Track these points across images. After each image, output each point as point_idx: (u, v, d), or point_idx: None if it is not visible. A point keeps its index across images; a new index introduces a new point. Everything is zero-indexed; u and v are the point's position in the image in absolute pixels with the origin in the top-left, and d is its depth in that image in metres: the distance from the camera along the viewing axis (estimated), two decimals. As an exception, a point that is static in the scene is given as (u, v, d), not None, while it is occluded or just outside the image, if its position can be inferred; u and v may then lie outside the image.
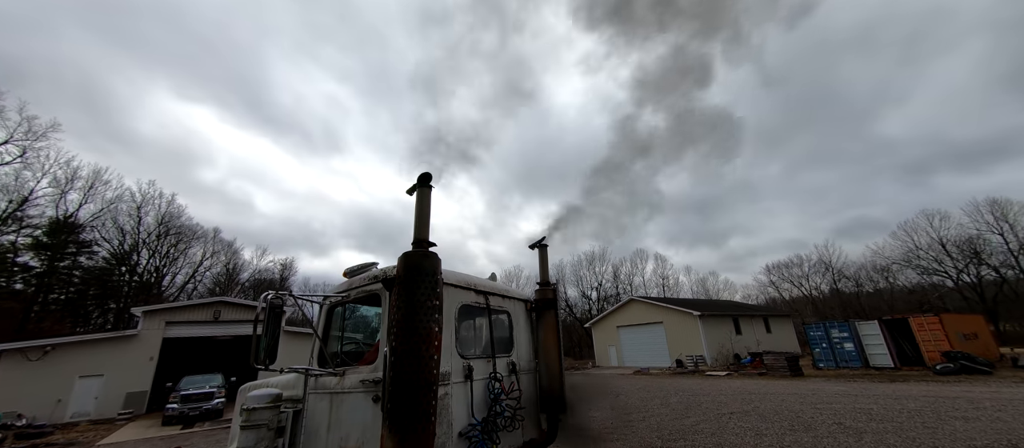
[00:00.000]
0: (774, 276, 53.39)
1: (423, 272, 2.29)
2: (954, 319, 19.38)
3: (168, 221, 44.29)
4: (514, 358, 3.42)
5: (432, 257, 2.40)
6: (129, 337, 19.07)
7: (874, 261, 45.60)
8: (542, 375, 3.53)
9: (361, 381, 2.48)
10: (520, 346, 3.56)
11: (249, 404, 2.65)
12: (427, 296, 2.23)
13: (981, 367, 15.47)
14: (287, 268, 60.09)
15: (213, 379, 16.96)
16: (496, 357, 3.17)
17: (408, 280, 2.26)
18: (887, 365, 18.60)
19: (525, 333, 3.66)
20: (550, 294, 3.76)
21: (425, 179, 2.63)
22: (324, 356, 2.89)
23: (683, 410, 11.37)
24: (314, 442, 2.62)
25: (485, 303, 3.17)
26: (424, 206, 2.58)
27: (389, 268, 2.69)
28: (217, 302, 21.86)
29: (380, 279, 2.66)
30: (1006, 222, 36.15)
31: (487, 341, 3.15)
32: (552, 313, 3.70)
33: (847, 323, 21.05)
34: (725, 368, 23.71)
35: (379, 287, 2.65)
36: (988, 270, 37.64)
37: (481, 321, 3.17)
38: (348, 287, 2.96)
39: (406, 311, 2.18)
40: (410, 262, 2.33)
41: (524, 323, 3.69)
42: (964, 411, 9.10)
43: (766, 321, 32.21)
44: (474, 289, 3.08)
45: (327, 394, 2.66)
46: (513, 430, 3.09)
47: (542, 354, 3.58)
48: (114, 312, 40.35)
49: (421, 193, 2.62)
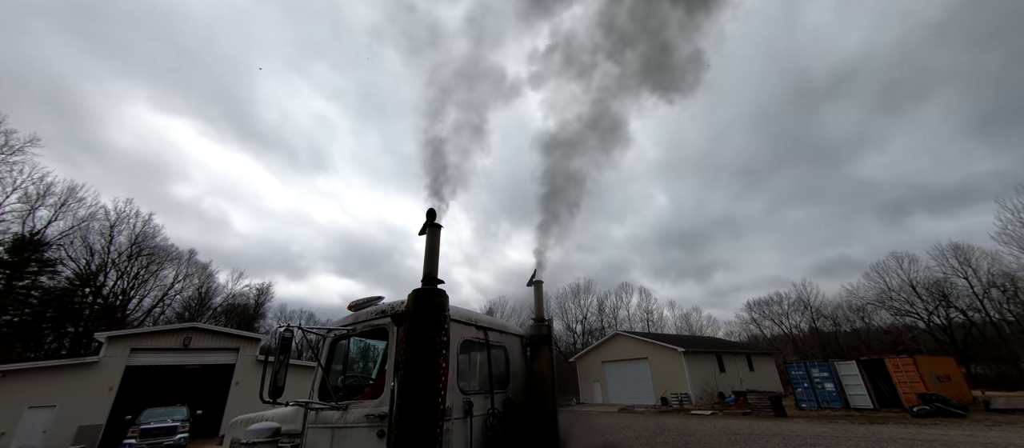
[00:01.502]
0: (755, 313, 54.17)
1: (433, 309, 2.36)
2: (928, 361, 19.92)
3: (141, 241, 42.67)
4: (510, 394, 3.45)
5: (441, 294, 2.48)
6: (89, 364, 17.92)
7: (850, 301, 46.87)
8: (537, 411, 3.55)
9: (366, 416, 2.48)
10: (516, 382, 3.60)
11: (248, 438, 2.60)
12: (436, 332, 2.29)
13: (955, 410, 15.82)
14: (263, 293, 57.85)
15: (177, 412, 15.98)
16: (494, 393, 3.21)
17: (418, 316, 2.33)
18: (867, 406, 18.82)
19: (521, 369, 3.71)
20: (545, 330, 3.84)
21: (432, 216, 2.75)
22: (326, 389, 2.87)
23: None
24: None
25: (484, 338, 3.22)
26: (433, 244, 2.68)
27: (397, 303, 2.74)
28: (188, 328, 20.90)
29: (389, 313, 2.70)
30: (969, 266, 37.92)
31: (485, 376, 3.19)
32: (547, 349, 3.76)
33: (827, 363, 21.37)
34: (710, 407, 23.56)
35: (388, 321, 2.68)
36: (956, 313, 39.07)
37: (480, 356, 3.21)
38: (354, 320, 2.97)
39: (416, 347, 2.23)
40: (421, 298, 2.40)
41: (520, 359, 3.73)
42: (941, 454, 9.26)
43: (749, 359, 32.40)
44: (475, 325, 3.14)
45: (328, 428, 2.63)
46: None
47: (537, 390, 3.62)
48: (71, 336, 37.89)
49: (431, 232, 2.72)
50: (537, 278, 4.27)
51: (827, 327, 48.20)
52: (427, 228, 2.75)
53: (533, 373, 3.66)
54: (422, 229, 2.78)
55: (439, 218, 2.78)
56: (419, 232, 2.78)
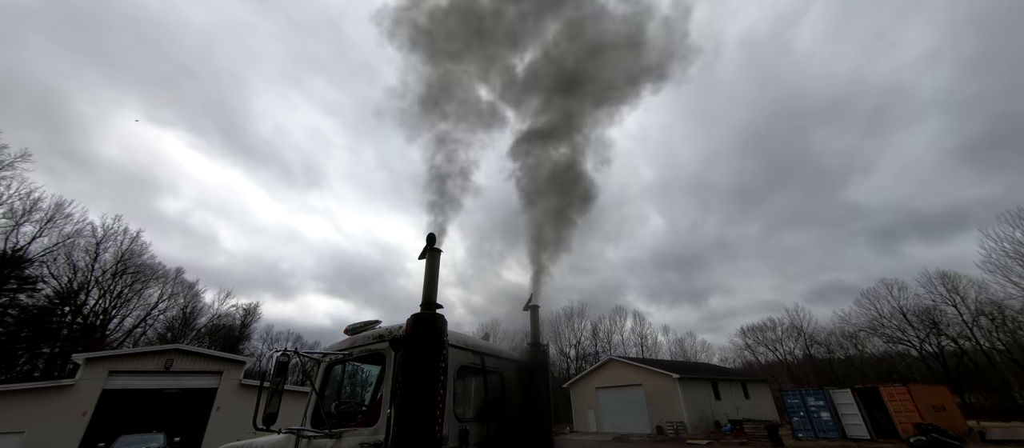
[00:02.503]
0: (749, 339, 53.91)
1: (432, 334, 2.34)
2: (922, 390, 19.85)
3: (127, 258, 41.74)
4: (506, 421, 3.38)
5: (440, 319, 2.46)
6: (63, 388, 17.19)
7: (842, 327, 46.92)
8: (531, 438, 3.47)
9: (360, 444, 2.40)
10: (512, 408, 3.53)
11: (234, 468, 2.51)
12: (434, 358, 2.26)
13: (952, 441, 15.64)
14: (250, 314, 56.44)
15: (153, 439, 15.30)
16: (488, 420, 3.13)
17: (417, 341, 2.30)
18: (863, 436, 18.58)
19: (517, 395, 3.64)
20: (541, 355, 3.79)
21: (432, 241, 2.75)
22: (319, 416, 2.79)
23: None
24: None
25: (481, 364, 3.17)
26: (433, 269, 2.68)
27: (395, 328, 2.70)
28: (171, 350, 20.27)
29: (387, 338, 2.66)
30: (957, 294, 38.34)
31: (481, 403, 3.12)
32: (543, 375, 3.71)
33: (822, 391, 21.19)
34: (706, 437, 23.09)
35: (385, 346, 2.63)
36: (948, 340, 39.25)
37: (476, 382, 3.15)
38: (351, 344, 2.92)
39: (414, 373, 2.19)
40: (420, 323, 2.38)
41: (516, 385, 3.67)
42: (940, 486, 9.10)
43: (744, 386, 32.03)
44: (472, 350, 3.11)
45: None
46: None
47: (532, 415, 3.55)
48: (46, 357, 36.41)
49: (430, 257, 2.72)
50: (533, 302, 4.25)
51: (821, 354, 48.04)
52: (427, 253, 2.75)
53: (529, 399, 3.60)
54: (422, 254, 2.78)
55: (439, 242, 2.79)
56: (419, 257, 2.79)
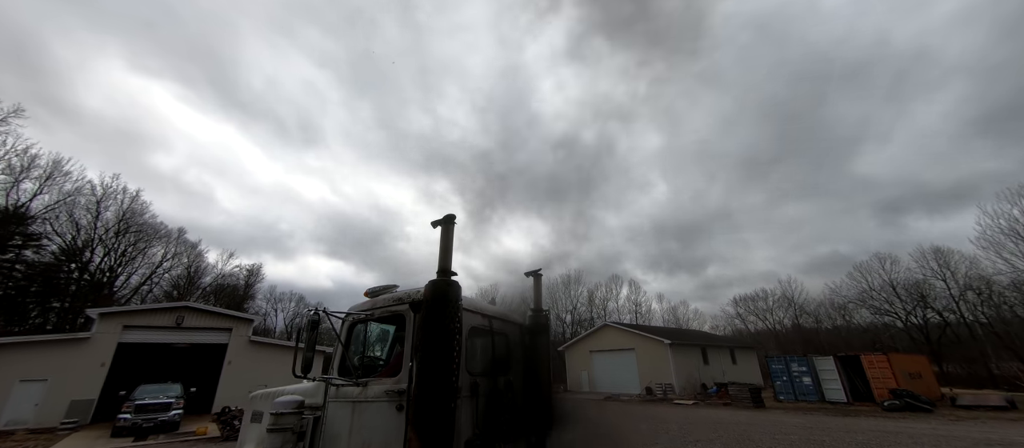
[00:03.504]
0: (741, 308, 55.45)
1: (448, 299, 2.63)
2: (901, 359, 20.79)
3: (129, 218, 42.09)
4: (511, 377, 3.76)
5: (455, 286, 2.75)
6: (80, 340, 17.96)
7: (833, 299, 48.19)
8: (534, 394, 3.87)
9: (385, 392, 2.75)
10: (515, 366, 3.90)
11: (276, 409, 2.85)
12: (450, 319, 2.56)
13: (923, 405, 16.65)
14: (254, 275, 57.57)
15: (171, 389, 16.15)
16: (496, 375, 3.51)
17: (435, 305, 2.60)
18: (841, 400, 19.67)
19: (520, 354, 4.01)
20: (543, 320, 4.15)
21: (450, 219, 3.00)
22: (345, 367, 3.12)
23: (652, 438, 11.74)
24: (335, 445, 2.84)
25: (489, 326, 3.51)
26: (448, 240, 2.93)
27: (414, 292, 2.99)
28: (181, 307, 20.96)
29: (407, 301, 2.96)
30: (948, 269, 39.17)
31: (489, 360, 3.47)
32: (544, 337, 4.07)
33: (806, 358, 22.18)
34: (692, 397, 24.35)
35: (405, 308, 2.94)
36: (933, 313, 40.51)
37: (484, 341, 3.48)
38: (372, 306, 3.22)
39: (433, 332, 2.50)
40: (437, 289, 2.67)
41: (519, 345, 4.04)
42: (905, 444, 9.88)
43: (732, 352, 33.36)
44: (482, 313, 3.42)
45: (349, 403, 2.90)
46: (510, 442, 3.40)
47: (534, 374, 3.93)
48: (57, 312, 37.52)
49: (445, 228, 2.97)
50: (536, 269, 4.56)
51: (809, 323, 49.64)
52: (441, 224, 2.99)
53: (531, 359, 3.97)
54: (437, 223, 3.02)
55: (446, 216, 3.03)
56: (433, 224, 3.03)
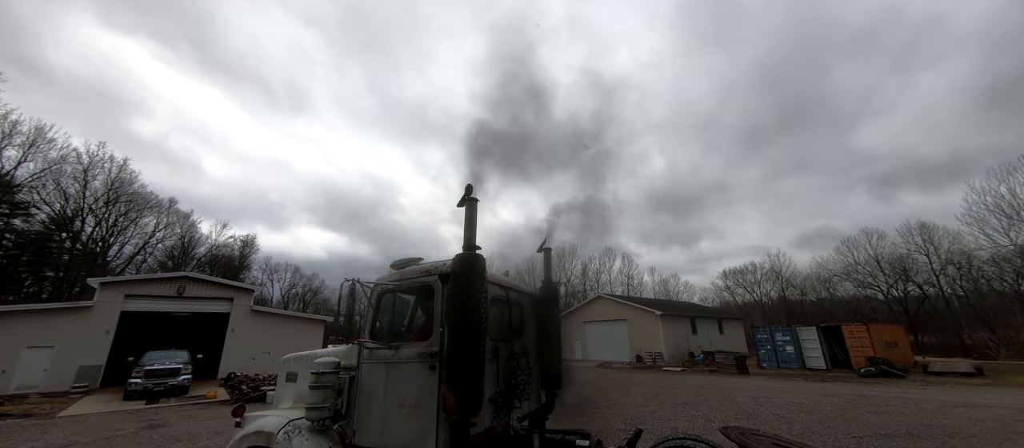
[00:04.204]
0: (730, 281, 57.00)
1: (475, 271, 2.88)
2: (879, 329, 21.82)
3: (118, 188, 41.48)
4: (525, 343, 4.09)
5: (481, 259, 2.99)
6: (84, 309, 18.19)
7: (818, 272, 49.67)
8: (545, 358, 4.22)
9: (418, 354, 3.04)
10: (528, 333, 4.23)
11: (317, 369, 3.15)
12: (477, 290, 2.82)
13: (897, 372, 17.68)
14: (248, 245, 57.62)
15: (179, 355, 16.60)
16: (513, 341, 3.84)
17: (463, 276, 2.85)
18: (820, 367, 20.76)
19: (532, 322, 4.33)
20: (553, 292, 4.47)
21: (470, 190, 3.19)
22: (376, 332, 3.41)
23: (643, 400, 12.45)
24: (371, 400, 3.16)
25: (506, 297, 3.80)
26: (472, 216, 3.14)
27: (441, 264, 3.24)
28: (182, 277, 21.15)
29: (435, 273, 3.21)
30: (932, 245, 40.38)
31: (506, 327, 3.77)
32: (554, 307, 4.40)
33: (790, 328, 23.18)
34: (680, 365, 25.48)
35: (434, 279, 3.19)
36: (914, 287, 42.09)
37: (502, 310, 3.77)
38: (400, 277, 3.47)
39: (463, 301, 2.77)
40: (466, 262, 2.92)
41: (532, 314, 4.36)
42: (877, 407, 10.65)
43: (719, 323, 34.60)
44: (500, 285, 3.69)
45: (383, 364, 3.19)
46: (525, 400, 3.76)
47: (545, 340, 4.27)
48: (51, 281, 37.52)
49: (469, 206, 3.18)
50: (546, 245, 4.82)
51: (795, 296, 51.31)
52: (465, 201, 3.20)
53: (542, 326, 4.30)
54: (461, 202, 3.23)
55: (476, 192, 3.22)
56: (458, 205, 3.24)
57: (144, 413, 12.08)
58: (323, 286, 67.00)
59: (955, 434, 7.73)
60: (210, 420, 10.79)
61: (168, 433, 9.31)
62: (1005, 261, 33.06)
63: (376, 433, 3.06)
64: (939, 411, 10.00)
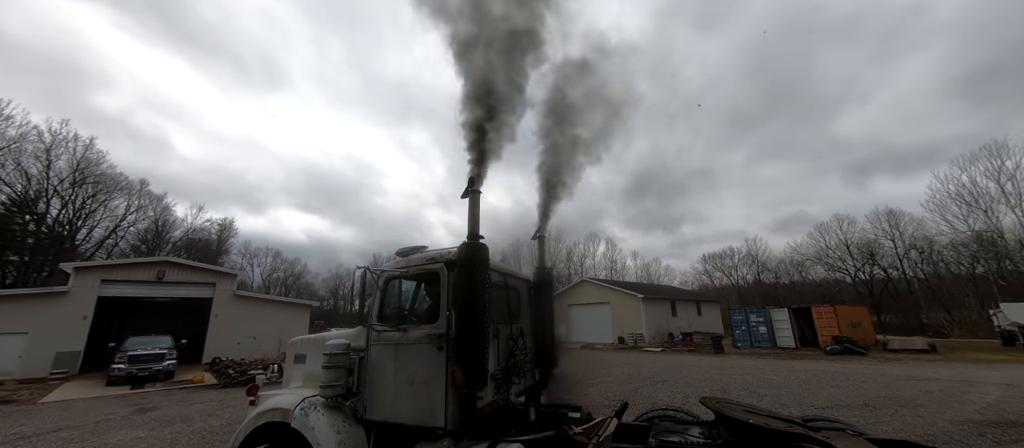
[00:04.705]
0: (708, 265, 58.86)
1: (479, 259, 3.10)
2: (845, 310, 23.15)
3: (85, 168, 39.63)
4: (521, 324, 4.37)
5: (484, 248, 3.20)
6: (58, 294, 17.68)
7: (792, 257, 51.77)
8: (539, 339, 4.52)
9: (426, 335, 3.27)
10: (524, 315, 4.51)
11: (329, 350, 3.34)
12: (482, 276, 3.04)
13: (859, 349, 18.92)
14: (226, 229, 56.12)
15: (162, 341, 16.39)
16: (511, 323, 4.10)
17: (469, 264, 3.07)
18: (790, 345, 21.98)
19: (528, 306, 4.61)
20: (547, 277, 4.74)
21: (472, 182, 3.39)
22: (383, 314, 3.61)
23: (625, 379, 13.07)
24: (381, 378, 3.38)
25: (504, 282, 4.04)
26: (475, 207, 3.33)
27: (446, 252, 3.45)
28: (162, 262, 20.68)
29: (441, 261, 3.41)
30: (898, 230, 42.54)
31: (504, 310, 4.02)
32: (548, 291, 4.68)
33: (763, 310, 24.34)
34: (660, 345, 26.52)
35: (440, 267, 3.39)
36: (879, 270, 44.44)
37: (501, 295, 4.01)
38: (407, 264, 3.65)
39: (468, 287, 3.00)
40: (471, 251, 3.14)
41: (527, 298, 4.63)
42: (838, 381, 11.49)
43: (698, 305, 35.93)
44: (499, 271, 3.92)
45: (392, 345, 3.40)
46: (522, 377, 4.06)
47: (540, 322, 4.56)
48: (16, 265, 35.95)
49: (472, 196, 3.37)
50: (540, 233, 5.07)
51: (769, 279, 53.47)
52: (468, 193, 3.39)
53: (537, 310, 4.59)
54: (464, 194, 3.41)
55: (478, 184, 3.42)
56: (461, 196, 3.43)
57: (131, 398, 12.02)
58: (305, 270, 66.05)
59: (905, 404, 8.50)
60: (200, 404, 10.85)
61: (160, 416, 9.36)
62: (963, 246, 35.23)
63: (387, 408, 3.31)
64: (893, 384, 10.87)
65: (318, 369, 3.66)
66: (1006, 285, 30.12)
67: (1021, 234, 28.53)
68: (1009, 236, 29.48)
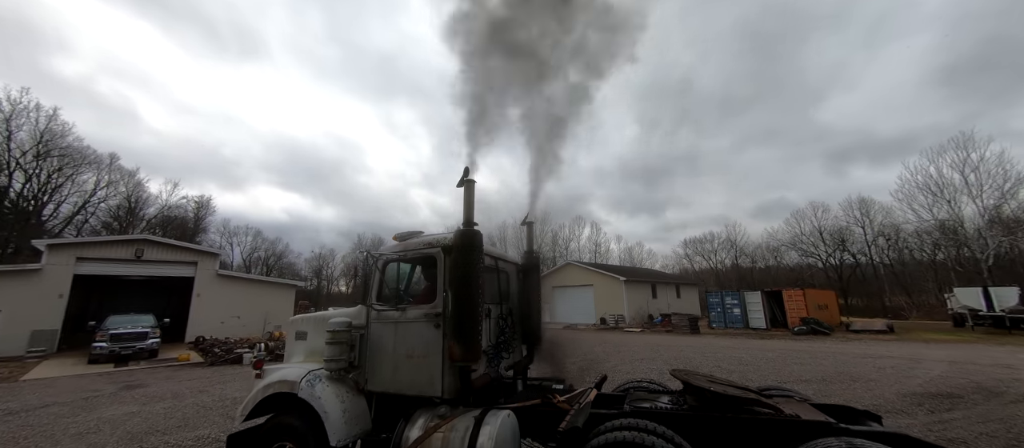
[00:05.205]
0: (689, 250, 60.57)
1: (473, 245, 3.36)
2: (814, 293, 24.41)
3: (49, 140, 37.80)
4: (510, 305, 4.67)
5: (479, 234, 3.45)
6: (31, 272, 17.21)
7: (769, 242, 53.68)
8: (526, 318, 4.84)
9: (424, 314, 3.52)
10: (512, 296, 4.80)
11: (332, 327, 3.57)
12: (476, 261, 3.30)
13: (824, 330, 20.12)
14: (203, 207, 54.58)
15: (144, 319, 16.24)
16: (502, 303, 4.40)
17: (464, 249, 3.32)
18: (761, 326, 23.16)
19: (516, 288, 4.90)
20: (534, 261, 5.04)
21: (467, 172, 3.60)
22: (382, 296, 3.84)
23: (605, 357, 13.69)
24: (381, 353, 3.64)
25: (495, 266, 4.32)
26: (470, 195, 3.56)
27: (442, 237, 3.69)
28: (140, 240, 20.22)
29: (438, 246, 3.65)
30: (868, 218, 44.47)
31: (495, 291, 4.30)
32: (535, 274, 4.98)
33: (738, 293, 25.45)
34: (640, 326, 27.53)
35: (437, 251, 3.63)
36: (849, 256, 46.60)
37: (492, 277, 4.28)
38: (405, 248, 3.87)
39: (464, 270, 3.25)
40: (466, 237, 3.39)
41: (515, 281, 4.92)
42: (802, 359, 12.34)
43: (677, 288, 37.18)
44: (490, 255, 4.18)
45: (391, 323, 3.66)
46: (510, 353, 4.39)
47: (527, 303, 4.87)
48: (-24, 241, 34.44)
49: (467, 187, 3.59)
50: (529, 219, 5.34)
51: (746, 263, 55.46)
52: (464, 182, 3.61)
53: (525, 291, 4.89)
54: (460, 183, 3.63)
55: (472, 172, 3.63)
56: (457, 185, 3.64)
57: (116, 375, 12.02)
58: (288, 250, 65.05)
59: (859, 379, 9.27)
60: (189, 381, 10.96)
61: (149, 393, 9.47)
62: (926, 234, 37.15)
63: (387, 380, 3.58)
64: (851, 361, 11.76)
65: (319, 345, 3.90)
66: (962, 271, 32.09)
67: (979, 223, 30.25)
68: (969, 225, 31.21)
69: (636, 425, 2.78)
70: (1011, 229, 29.50)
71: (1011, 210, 29.72)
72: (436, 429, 3.06)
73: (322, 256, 68.11)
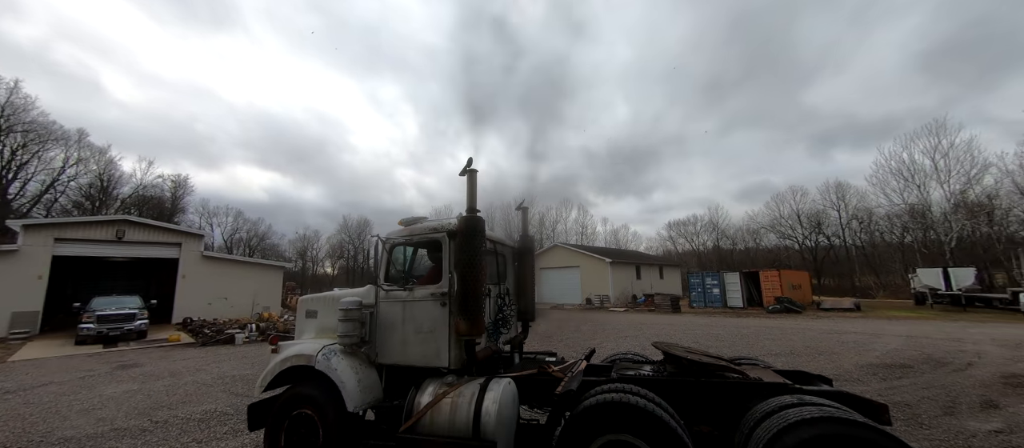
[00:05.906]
0: (673, 232, 62.01)
1: (477, 230, 3.65)
2: (789, 274, 25.60)
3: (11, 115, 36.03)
4: (507, 285, 5.01)
5: (481, 220, 3.74)
6: (7, 253, 16.78)
7: (749, 225, 55.34)
8: (522, 297, 5.20)
9: (431, 294, 3.83)
10: (509, 277, 5.14)
11: (345, 306, 3.84)
12: (479, 245, 3.60)
13: (796, 308, 21.26)
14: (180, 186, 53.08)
15: (131, 300, 16.12)
16: (500, 283, 4.73)
17: (468, 234, 3.61)
18: (738, 305, 24.29)
19: (512, 269, 5.23)
20: (529, 244, 5.37)
21: (470, 162, 3.85)
22: (390, 277, 4.12)
23: (591, 334, 14.31)
24: (391, 329, 3.95)
25: (494, 248, 4.62)
26: (473, 183, 3.82)
27: (446, 223, 3.98)
28: (121, 221, 19.81)
29: (443, 231, 3.93)
30: (843, 202, 46.18)
31: (494, 272, 4.62)
32: (530, 257, 5.32)
33: (718, 274, 26.50)
34: (624, 306, 28.47)
35: (442, 236, 3.91)
36: (824, 238, 48.55)
37: (491, 259, 4.59)
38: (410, 233, 4.14)
39: (468, 253, 3.55)
40: (470, 223, 3.67)
41: (512, 262, 5.25)
42: (774, 335, 13.17)
43: (660, 269, 38.31)
44: (490, 239, 4.47)
45: (399, 302, 3.95)
46: (508, 329, 4.75)
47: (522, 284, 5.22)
48: (-64, 220, 33.02)
49: (470, 176, 3.85)
50: (524, 205, 5.63)
51: (727, 245, 57.20)
52: (466, 171, 3.87)
53: (520, 272, 5.23)
54: (462, 171, 3.89)
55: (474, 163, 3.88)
56: (460, 174, 3.90)
57: (106, 356, 12.05)
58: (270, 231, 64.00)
59: (824, 352, 10.05)
60: (184, 360, 11.10)
61: (145, 372, 9.61)
62: (896, 217, 38.87)
63: (397, 353, 3.91)
64: (818, 337, 12.62)
65: (330, 322, 4.18)
66: (927, 253, 33.91)
67: (946, 207, 31.86)
68: (936, 209, 32.82)
69: (622, 388, 3.17)
70: (974, 213, 31.19)
71: (975, 194, 31.34)
72: (445, 395, 3.40)
73: (306, 237, 67.36)
